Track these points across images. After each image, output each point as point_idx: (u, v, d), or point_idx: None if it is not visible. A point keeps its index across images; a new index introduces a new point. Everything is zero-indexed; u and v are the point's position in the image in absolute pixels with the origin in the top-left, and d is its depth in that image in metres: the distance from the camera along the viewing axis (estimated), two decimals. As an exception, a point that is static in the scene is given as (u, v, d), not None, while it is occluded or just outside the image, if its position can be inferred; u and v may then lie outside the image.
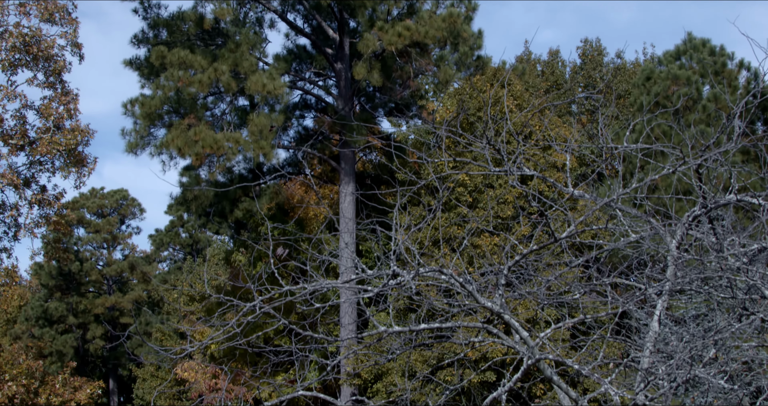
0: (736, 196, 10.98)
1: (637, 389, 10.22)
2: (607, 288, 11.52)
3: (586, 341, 13.55)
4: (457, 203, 23.18)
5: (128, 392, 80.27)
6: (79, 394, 48.24)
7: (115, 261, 77.89)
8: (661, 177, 24.63)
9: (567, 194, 11.87)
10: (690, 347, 10.03)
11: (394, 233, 10.06)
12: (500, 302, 10.46)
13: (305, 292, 9.68)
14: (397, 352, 12.22)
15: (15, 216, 42.23)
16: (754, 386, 12.57)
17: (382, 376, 32.63)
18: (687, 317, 14.20)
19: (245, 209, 41.67)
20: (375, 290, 9.70)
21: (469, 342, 12.25)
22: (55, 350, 69.76)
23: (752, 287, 10.53)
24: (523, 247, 11.96)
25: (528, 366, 9.55)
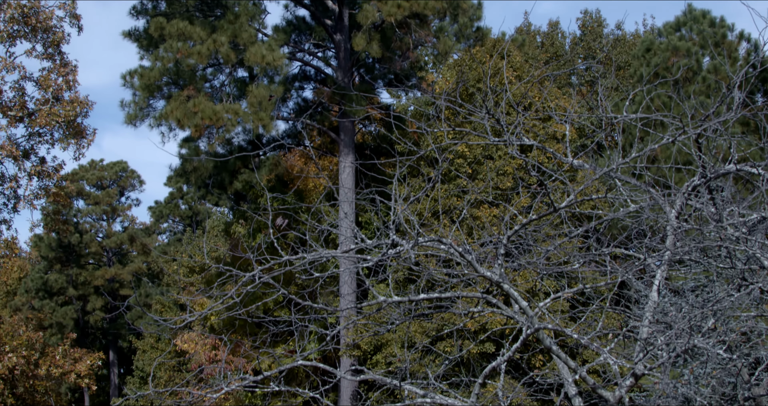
0: (735, 166, 10.97)
1: (635, 359, 10.23)
2: (606, 258, 11.52)
3: (585, 312, 13.57)
4: (457, 173, 23.18)
5: (128, 363, 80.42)
6: (79, 365, 48.36)
7: (114, 233, 77.88)
8: (660, 148, 24.63)
9: (566, 164, 11.86)
10: (689, 318, 10.04)
11: (393, 203, 10.05)
12: (499, 271, 10.46)
13: (304, 261, 9.68)
14: (396, 322, 12.23)
15: (14, 188, 42.22)
16: (753, 357, 12.59)
17: (382, 347, 32.68)
18: (686, 288, 14.22)
19: (245, 180, 41.62)
20: (374, 259, 9.69)
21: (469, 312, 12.26)
22: (55, 321, 69.83)
23: (751, 257, 10.53)
24: (523, 217, 11.95)
25: (527, 336, 9.56)
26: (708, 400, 10.88)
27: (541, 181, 10.80)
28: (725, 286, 11.15)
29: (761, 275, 10.08)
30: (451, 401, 9.52)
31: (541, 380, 14.13)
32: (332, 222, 11.91)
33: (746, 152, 12.04)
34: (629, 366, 9.84)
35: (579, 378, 11.23)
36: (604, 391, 10.83)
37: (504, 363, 10.92)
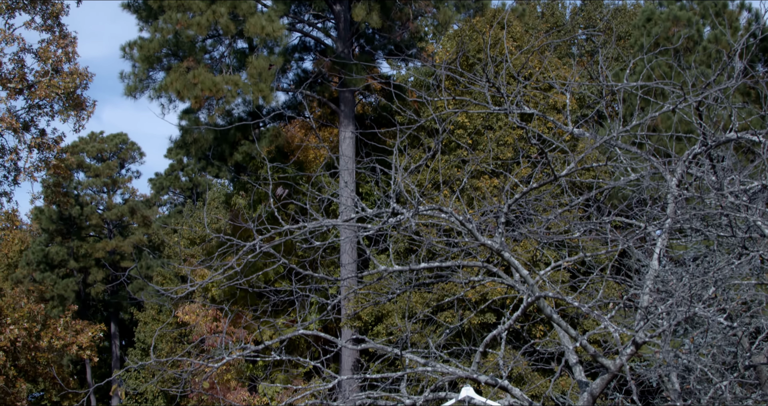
0: (736, 134, 10.95)
1: (636, 327, 10.25)
2: (607, 227, 11.52)
3: (586, 281, 13.58)
4: (457, 141, 23.15)
5: (130, 335, 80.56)
6: (80, 337, 48.46)
7: (115, 205, 77.83)
8: (661, 118, 24.58)
9: (567, 134, 11.85)
10: (689, 286, 10.05)
11: (393, 172, 10.04)
12: (500, 240, 10.46)
13: (305, 230, 9.68)
14: (397, 292, 12.25)
15: (14, 160, 42.18)
16: (753, 326, 12.61)
17: (383, 318, 32.74)
18: (686, 258, 14.22)
19: (245, 152, 41.59)
20: (375, 228, 9.69)
21: (469, 281, 12.27)
22: (57, 294, 69.89)
23: (752, 225, 10.53)
24: (524, 187, 11.94)
25: (528, 304, 9.58)
26: (708, 368, 10.91)
27: (541, 149, 10.78)
28: (726, 255, 11.16)
29: (762, 244, 10.08)
30: (452, 370, 9.54)
31: (542, 349, 14.17)
32: (333, 191, 11.90)
33: (747, 120, 12.03)
34: (630, 334, 9.85)
35: (579, 347, 11.25)
36: (605, 359, 10.85)
37: (505, 332, 10.94)
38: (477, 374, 9.39)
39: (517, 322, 14.06)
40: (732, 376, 10.66)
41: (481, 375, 9.41)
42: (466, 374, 9.34)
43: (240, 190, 45.32)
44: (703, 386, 13.59)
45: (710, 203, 10.70)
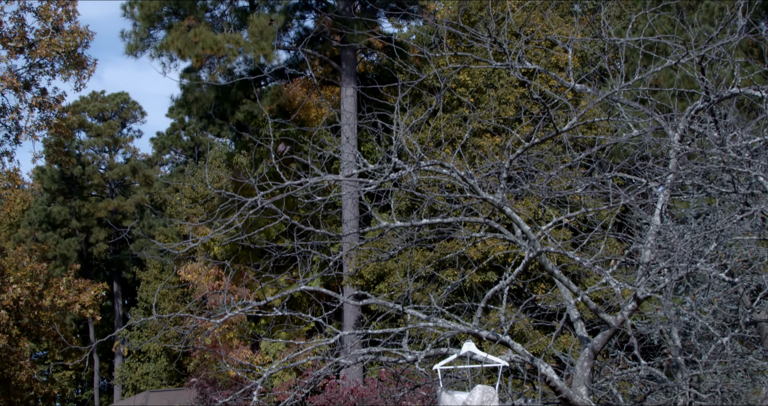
0: (739, 89, 10.92)
1: (637, 283, 10.26)
2: (609, 182, 11.50)
3: (587, 238, 13.58)
4: (460, 98, 23.08)
5: (132, 294, 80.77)
6: (83, 296, 48.55)
7: (117, 165, 77.79)
8: (663, 76, 24.49)
9: (568, 90, 11.81)
10: (691, 243, 10.05)
11: (395, 128, 10.02)
12: (501, 196, 10.45)
13: (306, 185, 9.66)
14: (399, 248, 12.25)
15: (16, 119, 42.17)
16: (755, 283, 12.63)
17: (385, 276, 32.80)
18: (688, 216, 14.21)
19: (246, 111, 41.52)
20: (377, 182, 9.68)
21: (471, 237, 12.27)
22: (59, 253, 69.97)
23: (754, 182, 10.52)
24: (526, 144, 11.91)
25: (529, 259, 9.58)
26: (710, 324, 10.93)
27: (543, 104, 10.75)
28: (728, 213, 11.15)
29: (764, 200, 10.07)
30: (453, 325, 9.57)
31: (544, 306, 14.19)
32: (334, 148, 11.88)
33: (750, 75, 11.99)
34: (631, 288, 9.86)
35: (581, 302, 11.27)
36: (606, 315, 10.87)
37: (506, 288, 10.95)
38: (478, 329, 9.41)
39: (519, 280, 14.07)
40: (733, 332, 10.69)
41: (483, 331, 9.43)
42: (468, 330, 9.36)
43: (242, 149, 45.30)
44: (704, 343, 13.63)
45: (712, 158, 10.68)
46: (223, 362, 32.61)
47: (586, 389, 10.52)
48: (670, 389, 13.21)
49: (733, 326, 11.73)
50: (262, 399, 15.39)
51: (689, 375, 10.74)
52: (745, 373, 16.11)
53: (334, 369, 10.10)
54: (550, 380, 9.42)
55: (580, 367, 10.86)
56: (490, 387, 8.76)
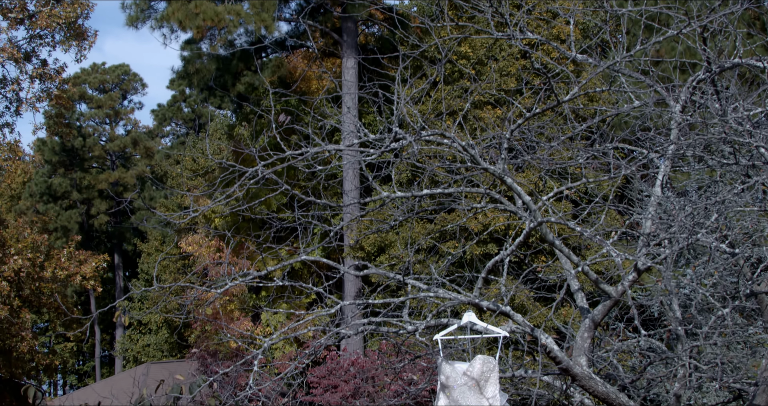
0: (741, 59, 10.89)
1: (638, 253, 10.26)
2: (610, 152, 11.49)
3: (587, 209, 13.57)
4: (462, 68, 23.03)
5: (133, 266, 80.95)
6: (84, 267, 48.57)
7: (117, 136, 77.77)
8: (665, 48, 24.43)
9: (569, 62, 11.78)
10: (692, 214, 10.04)
11: (396, 97, 9.99)
12: (502, 166, 10.44)
13: (307, 154, 9.65)
14: (399, 219, 12.25)
15: (16, 90, 42.12)
16: (755, 256, 12.63)
17: (385, 248, 32.85)
18: (689, 189, 14.19)
19: (247, 82, 41.47)
20: (377, 151, 9.67)
21: (472, 208, 12.27)
22: (60, 225, 70.04)
23: (755, 153, 10.51)
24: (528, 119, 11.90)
25: (530, 229, 9.58)
26: (710, 295, 10.94)
27: (545, 73, 10.72)
28: (728, 186, 11.14)
29: (765, 171, 10.06)
30: (454, 295, 9.58)
31: (544, 277, 14.21)
32: (335, 118, 11.86)
33: (752, 46, 11.96)
34: (632, 259, 9.87)
35: (581, 273, 11.28)
36: (607, 285, 10.88)
37: (507, 258, 10.95)
38: (479, 299, 9.42)
39: (520, 252, 14.09)
40: (734, 303, 10.70)
41: (483, 301, 9.44)
42: (468, 300, 9.37)
43: (242, 121, 45.26)
44: (705, 315, 13.65)
45: (713, 129, 10.66)
46: (224, 332, 32.69)
47: (587, 360, 10.54)
48: (670, 361, 13.23)
49: (734, 298, 11.73)
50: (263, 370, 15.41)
51: (689, 346, 10.76)
52: (745, 345, 16.15)
53: (335, 340, 10.10)
54: (551, 351, 9.44)
55: (580, 338, 10.88)
56: (490, 357, 8.78)
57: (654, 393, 19.41)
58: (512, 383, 13.08)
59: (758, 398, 10.43)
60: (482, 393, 8.64)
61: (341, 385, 28.53)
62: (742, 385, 13.15)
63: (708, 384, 17.77)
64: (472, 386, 8.65)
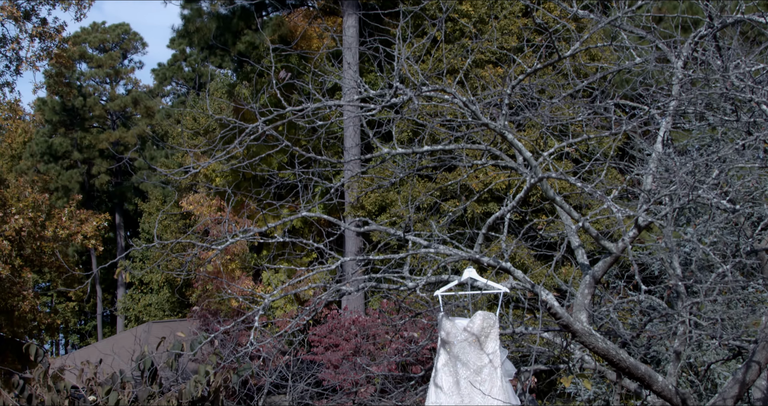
0: (743, 15, 10.83)
1: (639, 209, 10.26)
2: (611, 108, 11.46)
3: (588, 165, 13.56)
4: (462, 29, 22.97)
5: (134, 226, 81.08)
6: (85, 226, 48.71)
7: (118, 96, 77.65)
8: (667, 7, 24.32)
9: (571, 14, 11.72)
10: (693, 172, 10.03)
11: (396, 53, 9.94)
12: (503, 122, 10.41)
13: (307, 110, 9.62)
14: (400, 175, 12.25)
15: (16, 49, 42.00)
16: (756, 215, 12.63)
17: (386, 208, 32.87)
18: (690, 149, 14.18)
19: (248, 41, 41.35)
20: (378, 106, 9.63)
21: (473, 165, 12.26)
22: (61, 185, 70.10)
23: (756, 110, 10.48)
24: (528, 75, 11.85)
25: (531, 185, 9.57)
26: (711, 252, 10.94)
27: (545, 29, 10.66)
28: (730, 144, 11.11)
29: (766, 128, 10.03)
30: (454, 251, 9.58)
31: (545, 234, 14.22)
32: (336, 73, 11.82)
33: (755, 2, 11.90)
34: (633, 214, 9.86)
35: (582, 230, 11.29)
36: (608, 242, 10.89)
37: (508, 214, 10.94)
38: (479, 255, 9.42)
39: (521, 210, 14.08)
40: (734, 260, 10.70)
41: (484, 257, 9.44)
42: (469, 256, 9.37)
43: (243, 80, 45.18)
44: (705, 274, 13.67)
45: (715, 86, 10.62)
46: (225, 289, 32.74)
47: (587, 316, 10.56)
48: (670, 318, 13.27)
49: (734, 256, 11.74)
50: (265, 329, 15.42)
51: (690, 303, 10.78)
52: (744, 303, 16.19)
53: (336, 296, 10.11)
54: (551, 307, 9.45)
55: (580, 294, 10.89)
56: (490, 313, 8.80)
57: (654, 350, 19.50)
58: (513, 340, 13.12)
59: (757, 355, 10.45)
60: (482, 349, 8.67)
61: (342, 344, 28.63)
62: (742, 343, 13.20)
63: (708, 342, 17.85)
64: (473, 341, 8.67)
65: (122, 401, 10.12)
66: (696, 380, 19.44)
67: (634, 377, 9.96)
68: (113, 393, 10.23)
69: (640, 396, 12.36)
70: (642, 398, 12.27)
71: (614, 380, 11.73)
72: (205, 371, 10.74)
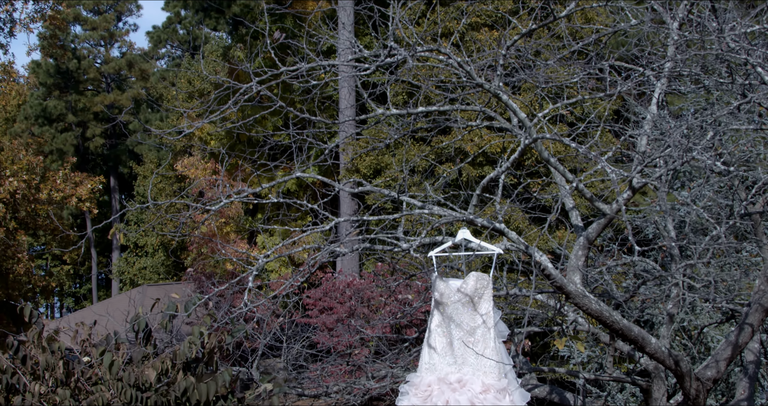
0: (740, -25, 10.80)
1: (633, 171, 10.25)
2: (606, 69, 11.44)
3: (584, 131, 13.54)
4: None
5: (129, 189, 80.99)
6: (80, 189, 48.67)
7: (113, 59, 77.34)
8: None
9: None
10: (688, 135, 10.02)
11: (392, 13, 9.91)
12: (498, 83, 10.39)
13: (302, 69, 9.60)
14: (395, 137, 12.23)
15: (10, 11, 41.82)
16: (750, 179, 12.65)
17: (381, 171, 32.87)
18: (685, 113, 14.17)
19: (243, 4, 41.23)
20: (372, 66, 9.61)
21: (467, 126, 12.25)
22: (56, 148, 69.97)
23: (752, 72, 10.46)
24: (524, 38, 11.83)
25: (526, 146, 9.55)
26: (705, 215, 10.96)
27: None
28: (725, 107, 11.10)
29: (762, 90, 10.01)
30: (448, 212, 9.58)
31: (539, 197, 14.22)
32: (331, 33, 11.77)
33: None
34: (627, 175, 9.86)
35: (576, 193, 11.28)
36: (602, 203, 10.89)
37: (502, 175, 10.94)
38: (474, 216, 9.42)
39: (515, 172, 14.08)
40: (728, 223, 10.71)
41: (478, 218, 9.44)
42: (463, 217, 9.37)
43: (238, 42, 45.06)
44: (699, 238, 13.69)
45: (710, 47, 10.59)
46: (220, 250, 32.78)
47: (581, 278, 10.57)
48: (664, 280, 13.31)
49: (728, 219, 11.75)
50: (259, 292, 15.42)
51: (684, 264, 10.80)
52: (738, 267, 16.25)
53: (330, 257, 10.11)
54: (545, 268, 9.45)
55: (574, 256, 10.91)
56: (484, 274, 8.81)
57: (648, 313, 19.58)
58: (507, 302, 13.15)
59: (750, 317, 10.50)
60: (476, 310, 8.69)
61: (337, 307, 28.72)
62: (735, 306, 13.26)
63: (701, 305, 17.92)
64: (466, 302, 8.69)
65: (116, 362, 10.14)
66: (689, 343, 19.54)
67: (627, 339, 9.98)
68: (107, 354, 10.24)
69: (633, 358, 12.41)
70: (635, 360, 12.33)
71: (607, 343, 11.77)
72: (199, 332, 10.76)
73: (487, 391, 8.50)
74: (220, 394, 10.44)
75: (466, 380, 8.59)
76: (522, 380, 12.97)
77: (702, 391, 10.39)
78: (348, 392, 17.64)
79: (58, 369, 10.23)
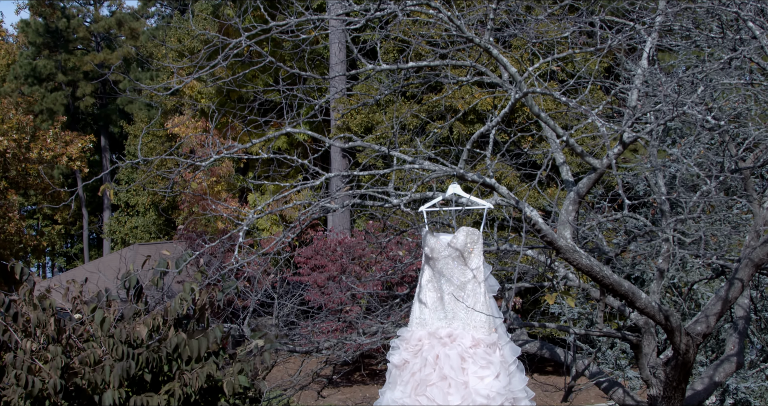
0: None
1: (624, 126, 10.25)
2: (597, 23, 11.39)
3: (575, 87, 13.51)
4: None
5: (120, 149, 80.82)
6: (70, 148, 48.58)
7: (102, 17, 76.93)
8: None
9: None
10: (678, 91, 10.00)
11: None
12: (488, 37, 10.36)
13: (291, 24, 9.55)
14: (385, 92, 12.20)
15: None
16: (741, 135, 12.64)
17: (372, 129, 32.86)
18: (676, 71, 14.12)
19: (233, -40, 40.98)
20: (362, 20, 9.57)
21: (458, 81, 12.22)
22: (46, 108, 69.77)
23: (743, 27, 10.43)
24: None
25: (516, 100, 9.52)
26: (695, 172, 10.97)
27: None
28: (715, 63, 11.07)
29: (752, 45, 9.99)
30: (439, 167, 9.57)
31: (530, 153, 14.21)
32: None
33: None
34: (618, 129, 9.85)
35: (567, 148, 11.28)
36: (592, 158, 10.89)
37: (493, 130, 10.93)
38: (464, 171, 9.41)
39: (505, 128, 14.06)
40: (719, 179, 10.72)
41: (469, 172, 9.43)
42: (453, 171, 9.36)
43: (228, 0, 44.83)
44: (689, 195, 13.72)
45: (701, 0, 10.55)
46: (212, 207, 32.73)
47: (571, 233, 10.59)
48: (655, 236, 13.33)
49: (718, 175, 11.75)
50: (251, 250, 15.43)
51: (674, 219, 10.82)
52: (728, 224, 16.27)
53: (321, 212, 10.10)
54: (535, 223, 9.45)
55: (565, 211, 10.92)
56: (474, 229, 8.80)
57: (638, 269, 19.63)
58: (497, 258, 13.18)
59: (740, 273, 10.52)
60: (466, 264, 8.70)
61: (328, 265, 28.80)
62: (725, 262, 13.28)
63: (692, 262, 17.97)
64: (456, 257, 8.70)
65: (108, 319, 10.15)
66: (679, 300, 19.61)
67: (617, 294, 9.99)
68: (99, 311, 10.25)
69: (623, 315, 12.45)
70: (625, 316, 12.37)
71: (598, 298, 11.80)
72: (190, 288, 10.77)
73: (477, 345, 8.53)
74: (212, 350, 10.46)
75: (457, 334, 8.62)
76: (512, 336, 13.02)
77: (692, 346, 10.43)
78: (339, 348, 17.68)
79: (50, 326, 10.24)
